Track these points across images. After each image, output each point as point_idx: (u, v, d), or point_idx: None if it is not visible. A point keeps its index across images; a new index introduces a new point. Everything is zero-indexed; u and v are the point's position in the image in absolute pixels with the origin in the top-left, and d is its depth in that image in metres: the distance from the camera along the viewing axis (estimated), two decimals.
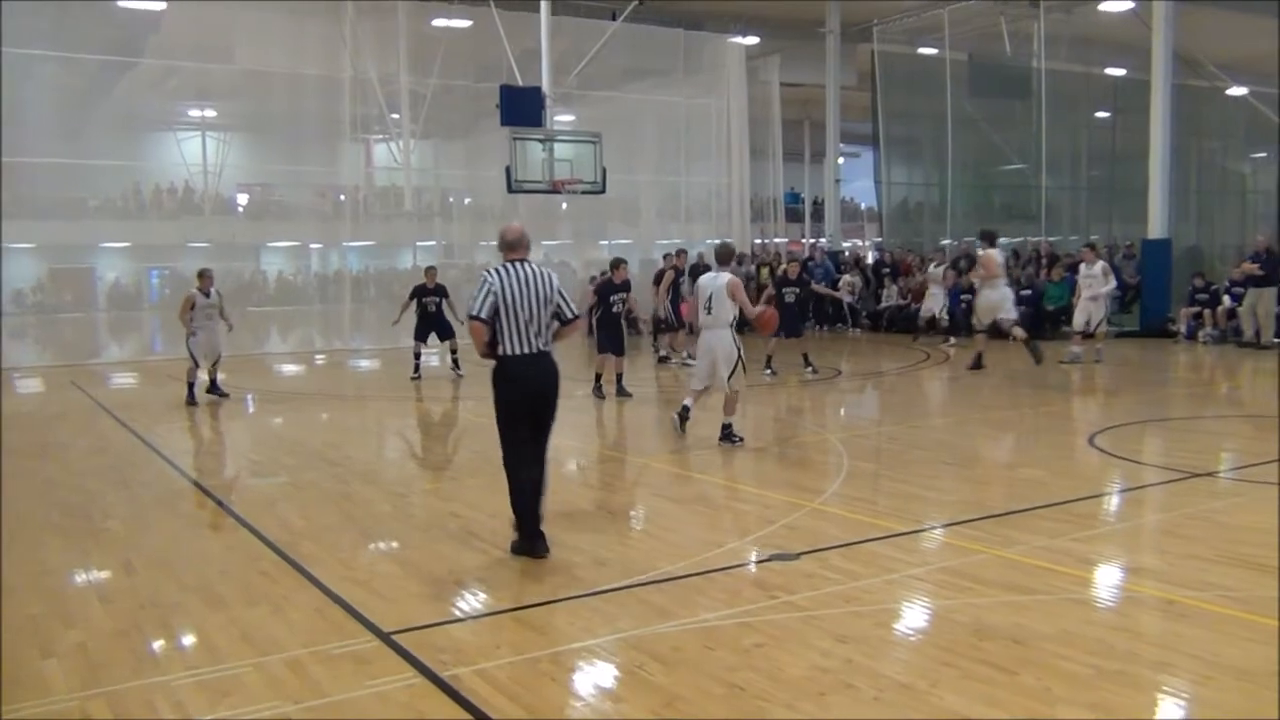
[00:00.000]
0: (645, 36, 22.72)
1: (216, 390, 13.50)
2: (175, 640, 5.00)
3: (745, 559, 6.08)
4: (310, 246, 24.76)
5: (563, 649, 4.70)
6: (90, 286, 24.05)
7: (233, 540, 6.96)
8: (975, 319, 15.48)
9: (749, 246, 26.41)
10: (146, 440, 10.97)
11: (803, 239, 35.02)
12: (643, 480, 8.89)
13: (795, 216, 35.47)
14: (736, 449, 9.57)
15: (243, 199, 25.07)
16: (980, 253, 15.28)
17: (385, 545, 6.77)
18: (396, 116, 23.14)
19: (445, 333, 15.88)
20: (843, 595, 5.31)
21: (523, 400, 6.13)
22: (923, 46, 26.24)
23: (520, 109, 17.28)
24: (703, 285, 9.71)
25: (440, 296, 15.79)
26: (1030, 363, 14.28)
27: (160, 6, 19.82)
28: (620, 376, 13.43)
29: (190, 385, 13.23)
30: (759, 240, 28.76)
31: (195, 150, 23.95)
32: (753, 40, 25.82)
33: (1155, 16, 19.89)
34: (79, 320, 22.65)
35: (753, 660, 4.48)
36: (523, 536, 6.20)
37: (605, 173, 17.85)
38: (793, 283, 15.57)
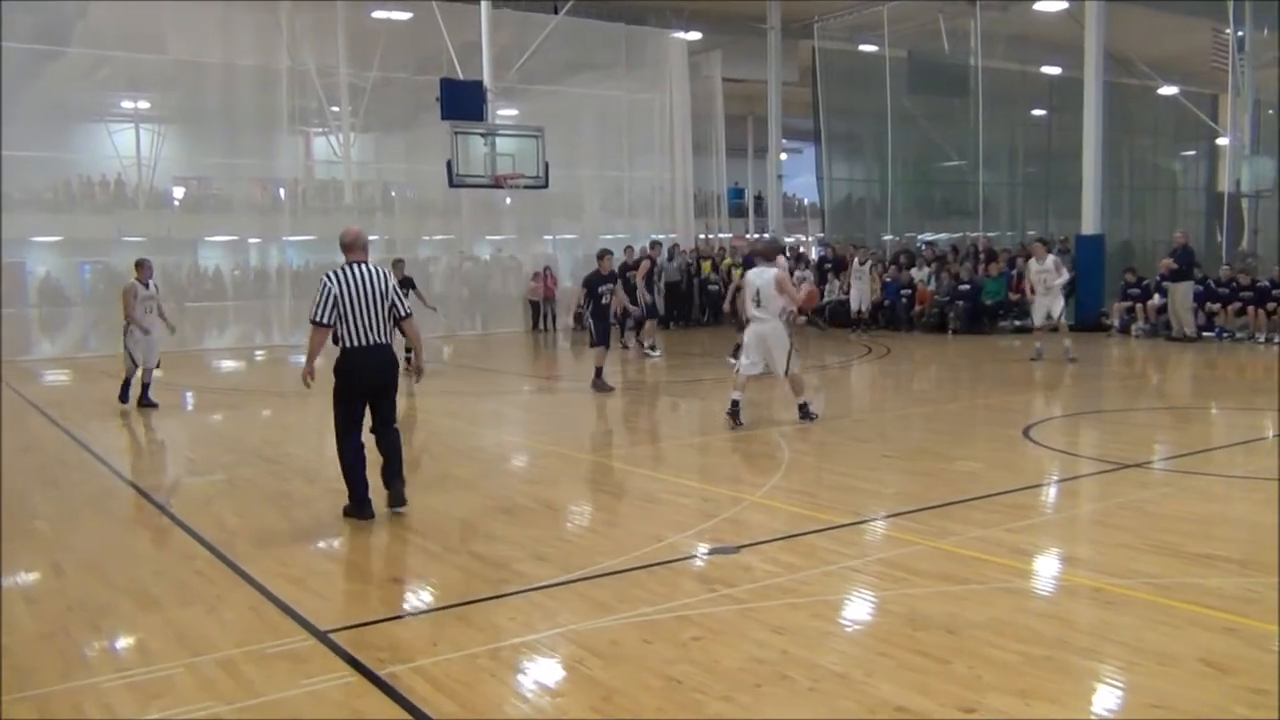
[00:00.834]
0: (587, 31, 22.70)
1: (148, 401, 12.61)
2: (105, 642, 4.91)
3: (685, 553, 6.11)
4: (249, 241, 24.38)
5: (502, 645, 4.69)
6: (20, 281, 23.43)
7: (166, 540, 6.85)
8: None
9: (693, 241, 26.51)
10: (78, 438, 10.74)
11: (746, 234, 35.21)
12: (585, 475, 8.89)
13: (739, 212, 35.69)
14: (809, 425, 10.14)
15: (178, 192, 24.59)
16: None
17: (323, 543, 6.69)
18: (336, 109, 22.89)
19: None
20: (781, 588, 5.37)
21: (360, 388, 6.89)
22: (863, 43, 26.54)
23: (461, 103, 17.18)
24: (750, 280, 10.25)
25: (408, 289, 15.62)
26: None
27: None
28: (601, 370, 13.46)
29: (126, 384, 12.80)
30: (703, 235, 28.88)
31: (128, 142, 23.43)
32: (695, 36, 25.91)
33: (1088, 16, 20.31)
34: (8, 316, 21.99)
35: (691, 653, 4.51)
36: (353, 502, 6.98)
37: (548, 167, 17.81)
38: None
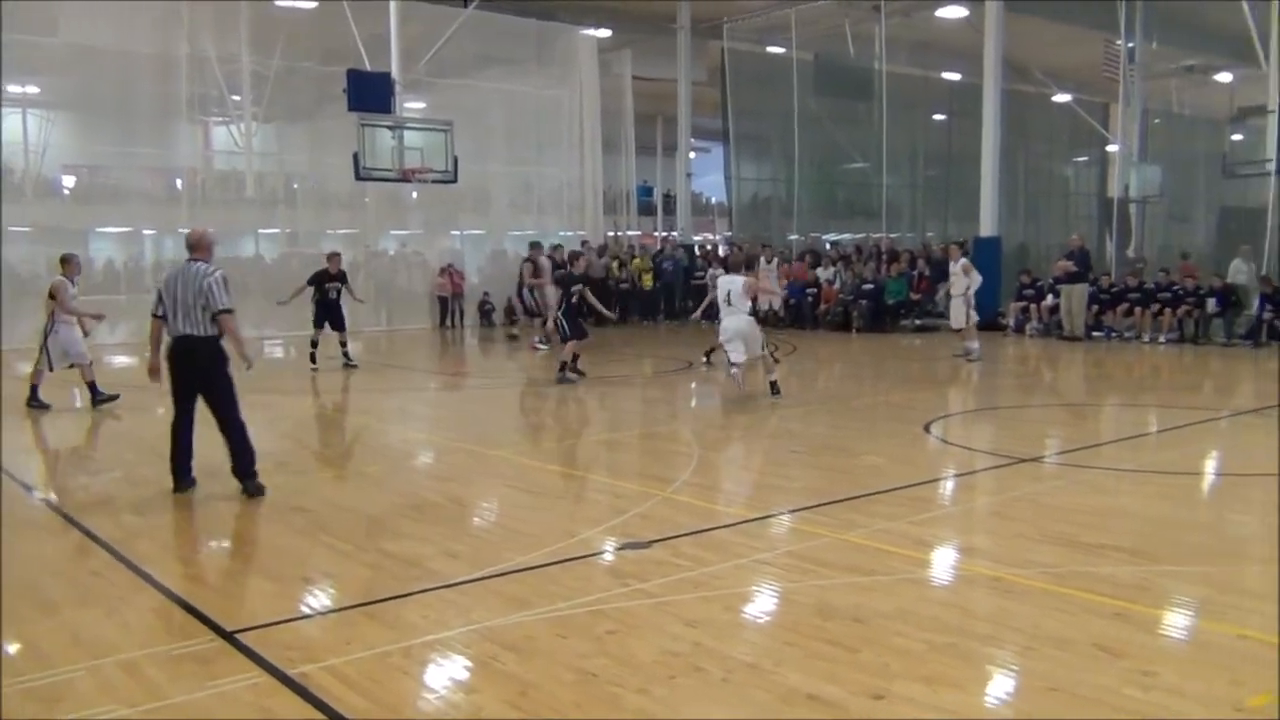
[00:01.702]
0: (498, 25, 22.54)
1: (37, 401, 11.92)
2: None
3: (597, 548, 6.14)
4: (144, 232, 23.60)
5: (414, 642, 4.66)
6: None
7: (63, 541, 6.61)
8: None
9: (601, 239, 26.54)
10: None
11: (655, 232, 35.39)
12: (496, 471, 8.84)
13: (648, 210, 35.83)
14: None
15: (69, 181, 23.66)
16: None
17: (229, 543, 6.56)
18: (237, 98, 22.29)
19: (338, 323, 15.41)
20: (693, 581, 5.43)
21: (175, 376, 7.34)
22: (771, 45, 26.89)
23: (368, 95, 16.95)
24: (722, 284, 12.18)
25: (341, 283, 15.34)
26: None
27: None
28: (577, 359, 13.76)
29: (34, 386, 12.15)
30: (612, 233, 28.93)
31: (15, 128, 22.46)
32: (605, 33, 25.92)
33: (988, 24, 20.92)
34: None
35: (605, 646, 4.54)
36: (176, 484, 7.45)
37: (457, 162, 17.65)
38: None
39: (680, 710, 3.96)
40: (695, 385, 14.68)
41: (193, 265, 7.40)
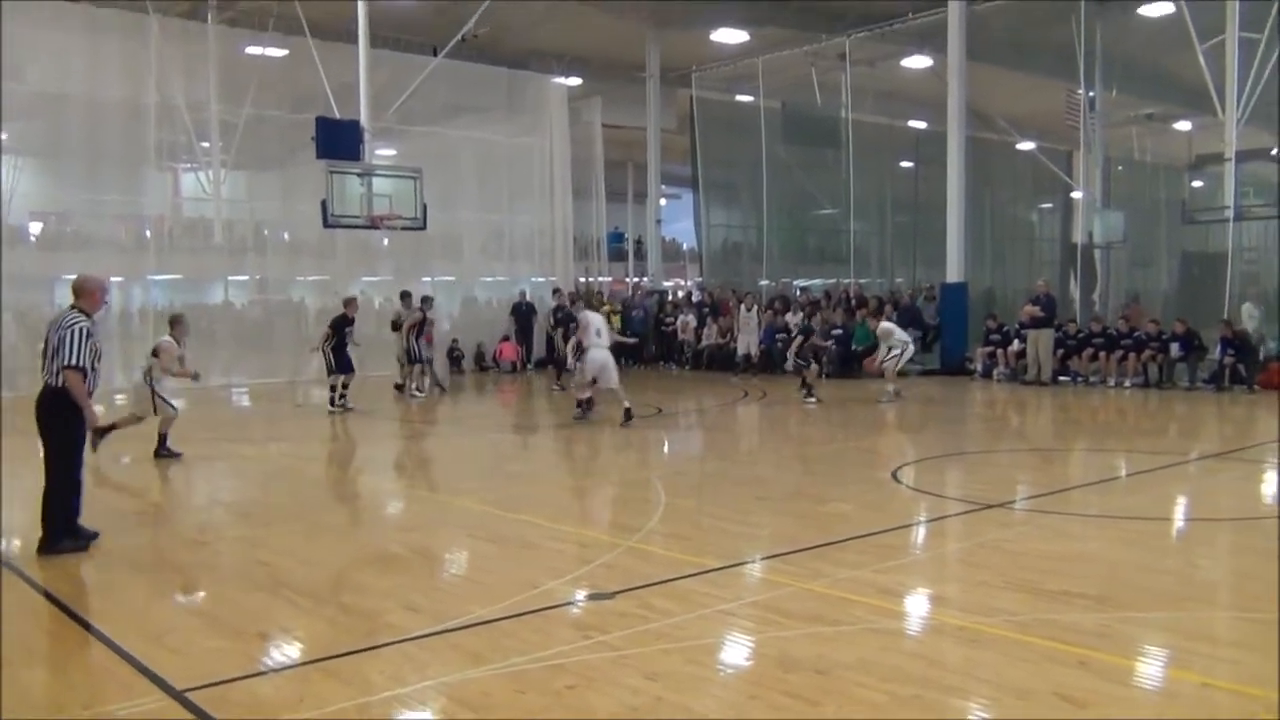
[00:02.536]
0: (468, 74, 22.69)
1: (165, 450, 11.89)
2: None
3: (560, 599, 6.07)
4: (111, 279, 23.36)
5: (370, 699, 4.56)
6: None
7: (10, 596, 6.45)
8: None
9: (573, 285, 26.59)
10: None
11: (627, 278, 35.52)
12: (459, 521, 8.74)
13: (619, 256, 35.99)
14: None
15: (35, 228, 23.48)
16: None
17: (182, 597, 6.42)
18: (206, 145, 22.24)
19: (345, 367, 15.75)
20: (655, 633, 5.37)
21: (37, 423, 7.17)
22: (739, 94, 27.24)
23: (337, 142, 16.94)
24: (593, 319, 13.94)
25: (346, 328, 15.75)
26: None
27: None
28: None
29: (163, 435, 11.91)
30: (583, 279, 29.01)
31: None
32: (575, 81, 26.19)
33: (951, 74, 21.26)
34: None
35: (564, 701, 4.46)
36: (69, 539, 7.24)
37: (426, 209, 17.66)
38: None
39: None
40: (663, 432, 14.64)
41: (68, 314, 7.21)
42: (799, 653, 5.01)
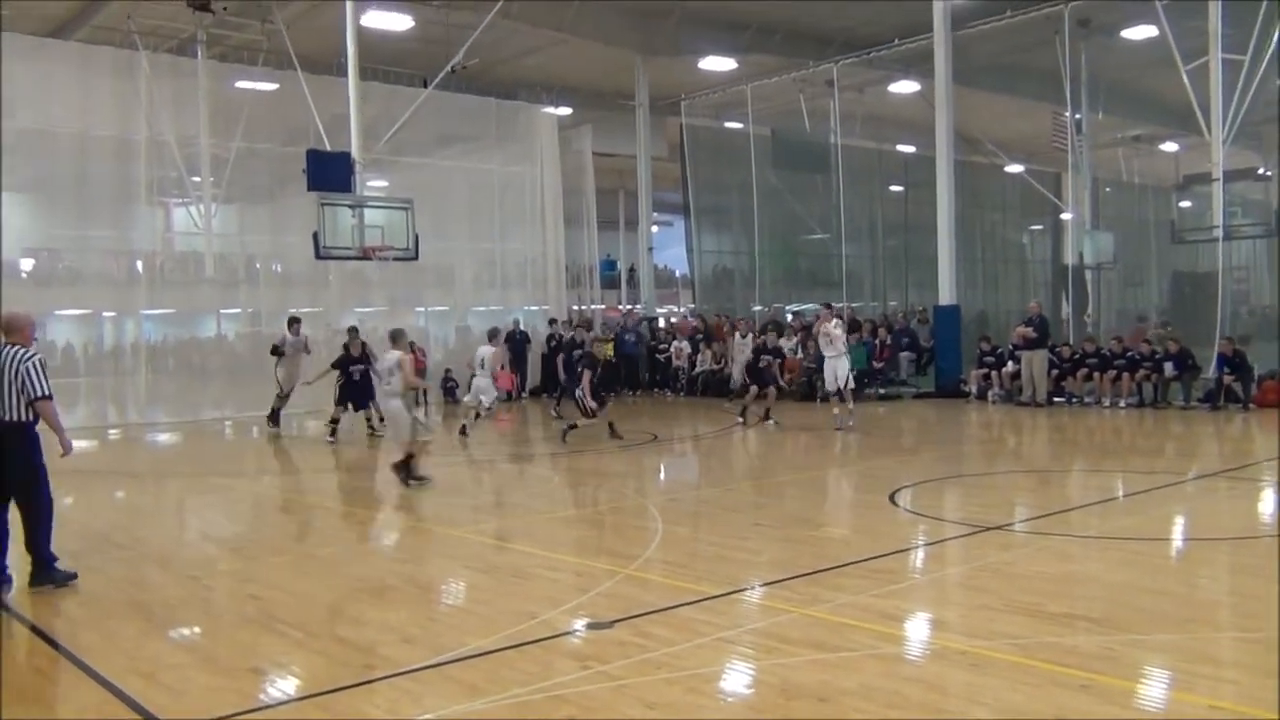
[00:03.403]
0: (458, 104, 22.80)
1: (415, 478, 11.65)
2: None
3: (559, 630, 6.00)
4: (103, 315, 23.35)
5: None
6: None
7: (3, 634, 6.38)
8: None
9: (566, 313, 26.58)
10: None
11: (619, 305, 35.53)
12: (455, 552, 8.68)
13: (611, 283, 36.01)
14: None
15: (27, 264, 23.43)
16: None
17: (176, 634, 6.35)
18: (197, 179, 22.25)
19: (360, 404, 15.87)
20: (655, 662, 5.31)
21: None
22: (728, 121, 27.37)
23: (328, 174, 16.98)
24: (480, 352, 14.76)
25: (364, 364, 15.55)
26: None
27: None
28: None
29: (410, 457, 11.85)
30: (576, 306, 29.00)
31: None
32: (565, 111, 26.30)
33: (938, 98, 21.38)
34: None
35: None
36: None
37: (418, 239, 17.67)
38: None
39: None
40: (658, 458, 14.60)
41: (7, 349, 7.21)
42: (800, 680, 4.95)
